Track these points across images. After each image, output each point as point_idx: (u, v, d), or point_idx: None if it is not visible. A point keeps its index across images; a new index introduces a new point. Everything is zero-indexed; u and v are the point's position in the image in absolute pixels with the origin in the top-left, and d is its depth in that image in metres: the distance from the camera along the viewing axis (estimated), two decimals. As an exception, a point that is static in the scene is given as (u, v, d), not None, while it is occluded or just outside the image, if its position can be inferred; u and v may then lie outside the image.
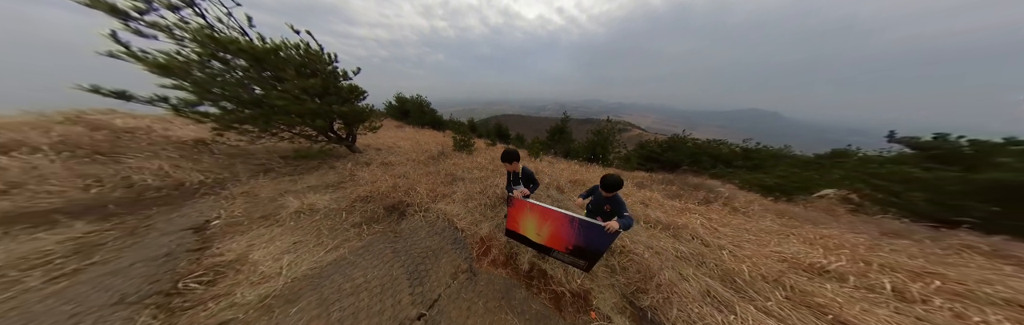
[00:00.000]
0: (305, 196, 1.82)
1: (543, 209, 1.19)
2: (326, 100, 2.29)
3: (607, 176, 1.16)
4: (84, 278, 1.02)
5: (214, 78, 1.88)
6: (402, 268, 1.26)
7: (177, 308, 0.93)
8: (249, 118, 2.02)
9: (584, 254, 1.18)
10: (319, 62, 2.27)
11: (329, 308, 0.98)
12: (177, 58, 1.75)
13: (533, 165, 3.40)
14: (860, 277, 1.38)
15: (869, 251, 1.63)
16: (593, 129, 6.27)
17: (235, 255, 1.22)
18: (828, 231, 1.97)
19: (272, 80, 2.08)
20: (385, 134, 5.01)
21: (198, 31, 1.76)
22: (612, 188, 1.14)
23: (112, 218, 1.41)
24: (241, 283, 1.07)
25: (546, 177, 2.90)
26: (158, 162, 1.95)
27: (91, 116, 2.44)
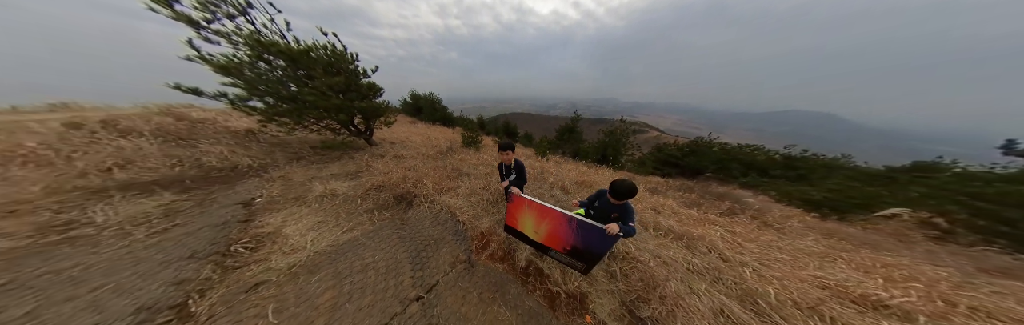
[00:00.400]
0: (328, 182, 2.06)
1: (541, 207, 1.15)
2: (348, 96, 2.53)
3: (619, 182, 1.00)
4: (170, 235, 1.33)
5: (260, 77, 2.21)
6: (406, 253, 1.37)
7: (229, 266, 1.17)
8: (286, 112, 2.33)
9: (582, 256, 1.13)
10: (343, 62, 2.51)
11: (342, 281, 1.14)
12: (233, 60, 2.09)
13: (539, 165, 3.36)
14: (936, 319, 1.13)
15: (955, 289, 1.34)
16: (605, 129, 5.97)
17: (272, 228, 1.47)
18: (894, 259, 1.67)
19: (305, 78, 2.35)
20: (399, 129, 5.29)
21: (248, 36, 2.07)
22: (624, 195, 0.99)
23: (188, 191, 1.77)
24: (275, 252, 1.29)
25: (552, 176, 2.84)
26: (220, 147, 2.36)
27: (177, 109, 3.00)
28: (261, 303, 0.99)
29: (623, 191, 0.99)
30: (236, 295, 1.02)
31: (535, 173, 2.89)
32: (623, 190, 0.99)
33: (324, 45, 2.39)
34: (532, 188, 2.33)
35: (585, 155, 5.69)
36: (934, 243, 2.07)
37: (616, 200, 1.03)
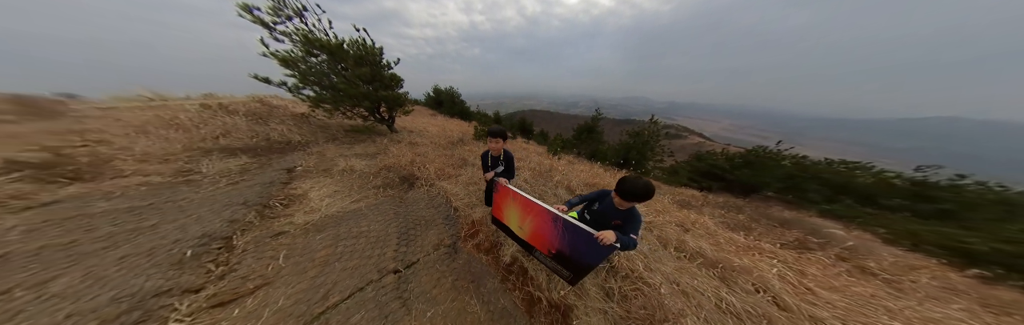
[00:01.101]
0: (350, 160, 2.40)
1: (525, 200, 1.03)
2: (373, 86, 2.89)
3: (633, 179, 0.77)
4: (238, 187, 1.77)
5: (310, 69, 2.67)
6: (396, 228, 1.48)
7: (266, 216, 1.50)
8: (328, 99, 2.79)
9: (568, 264, 0.97)
10: (371, 54, 2.85)
11: (338, 242, 1.32)
12: (290, 55, 2.57)
13: (548, 162, 3.20)
14: None
15: None
16: (630, 130, 5.35)
17: (301, 191, 1.80)
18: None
19: (342, 70, 2.75)
20: (419, 119, 5.69)
21: (301, 34, 2.50)
22: (638, 197, 0.76)
23: (257, 156, 2.32)
24: (299, 210, 1.58)
25: (559, 174, 2.69)
26: (282, 127, 2.98)
27: (264, 98, 3.89)
28: (278, 248, 1.23)
29: (638, 192, 0.75)
30: (263, 238, 1.29)
31: (542, 170, 2.75)
32: (638, 190, 0.75)
33: (355, 40, 2.74)
34: (536, 186, 2.23)
35: (604, 157, 5.19)
36: None
37: (624, 202, 0.80)
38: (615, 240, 0.73)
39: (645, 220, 1.74)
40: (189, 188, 1.67)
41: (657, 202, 2.53)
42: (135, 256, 1.08)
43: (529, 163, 2.96)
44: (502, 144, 1.28)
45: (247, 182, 1.83)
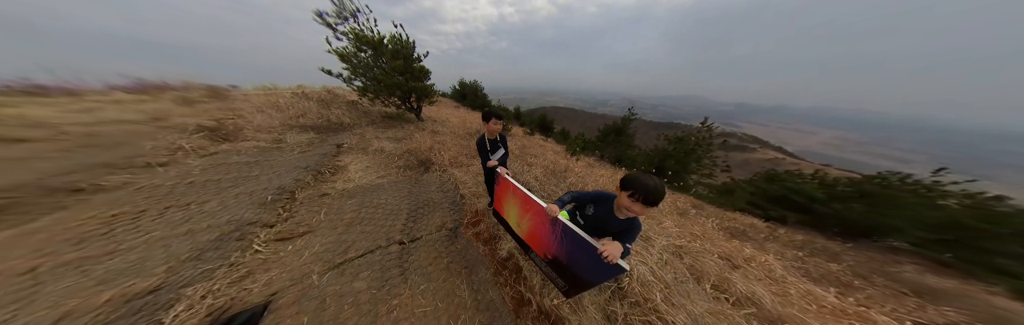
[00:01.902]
0: (382, 142, 2.84)
1: (524, 196, 0.92)
2: (405, 77, 3.26)
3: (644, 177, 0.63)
4: (304, 155, 2.35)
5: (359, 62, 3.17)
6: (408, 205, 1.67)
7: (319, 179, 1.97)
8: (370, 89, 3.29)
9: (564, 274, 0.84)
10: (405, 48, 3.22)
11: (361, 209, 1.64)
12: (346, 51, 3.09)
13: (565, 163, 3.04)
14: None
15: None
16: (671, 135, 4.59)
17: (344, 164, 2.26)
18: None
19: (382, 63, 3.19)
20: (444, 111, 6.05)
21: (354, 33, 2.98)
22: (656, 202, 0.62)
23: (320, 133, 2.95)
24: (339, 178, 2.01)
25: (574, 176, 2.58)
26: (339, 111, 3.68)
27: (333, 88, 4.79)
28: (321, 205, 1.62)
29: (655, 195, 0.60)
30: (314, 196, 1.71)
31: (556, 170, 2.65)
32: (655, 192, 0.60)
33: (393, 35, 3.14)
34: (546, 186, 2.19)
35: (631, 163, 4.57)
36: None
37: (639, 208, 0.64)
38: (621, 256, 0.61)
39: (676, 243, 1.49)
40: (277, 152, 2.29)
41: (697, 224, 2.14)
42: (244, 194, 1.59)
43: (543, 161, 2.87)
44: (499, 126, 1.23)
45: (311, 152, 2.38)
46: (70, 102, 2.43)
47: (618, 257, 0.61)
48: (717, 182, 4.75)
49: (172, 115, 2.50)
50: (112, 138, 1.92)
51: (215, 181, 1.67)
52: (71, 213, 1.24)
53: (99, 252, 1.03)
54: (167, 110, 2.58)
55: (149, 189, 1.49)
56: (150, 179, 1.57)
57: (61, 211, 1.24)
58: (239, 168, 1.90)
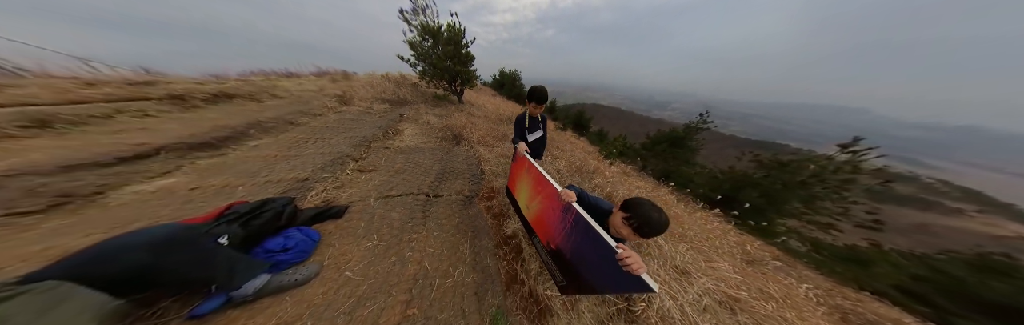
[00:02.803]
0: (429, 116, 3.57)
1: (539, 176, 0.85)
2: (453, 61, 3.87)
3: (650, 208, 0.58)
4: (382, 118, 3.25)
5: (422, 50, 3.92)
6: (437, 168, 2.05)
7: (384, 137, 2.77)
8: (427, 73, 4.06)
9: (566, 269, 0.76)
10: (457, 35, 3.79)
11: (407, 162, 2.26)
12: (414, 40, 3.84)
13: (594, 164, 2.78)
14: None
15: None
16: (768, 157, 3.26)
17: (401, 128, 3.04)
18: None
19: (437, 49, 3.86)
20: (482, 97, 6.57)
21: (421, 24, 3.70)
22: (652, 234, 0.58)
23: (392, 105, 3.93)
24: (397, 139, 2.77)
25: (602, 179, 2.34)
26: (404, 91, 4.68)
27: (405, 74, 5.92)
28: (383, 155, 2.33)
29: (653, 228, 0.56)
30: (380, 147, 2.47)
31: (584, 169, 2.48)
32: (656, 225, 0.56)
33: (449, 24, 3.71)
34: (566, 180, 2.24)
35: (684, 181, 3.56)
36: None
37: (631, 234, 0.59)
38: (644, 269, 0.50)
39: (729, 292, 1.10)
40: (367, 115, 3.27)
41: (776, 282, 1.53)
42: (346, 138, 2.45)
43: (571, 156, 2.77)
44: (541, 108, 1.20)
45: (384, 118, 3.27)
46: (295, 80, 4.24)
47: (644, 269, 0.50)
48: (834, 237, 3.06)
49: (326, 88, 3.94)
50: (304, 99, 3.26)
51: (336, 128, 2.64)
52: (288, 134, 2.31)
53: (292, 154, 1.93)
54: (324, 85, 4.09)
55: (313, 128, 2.53)
56: (314, 122, 2.66)
57: (284, 133, 2.33)
58: (347, 122, 2.88)
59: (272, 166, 1.63)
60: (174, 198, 1.17)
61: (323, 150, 2.05)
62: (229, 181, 1.38)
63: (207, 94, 2.48)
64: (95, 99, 1.91)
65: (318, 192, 1.44)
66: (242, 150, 1.82)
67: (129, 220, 0.98)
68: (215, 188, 1.31)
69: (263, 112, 2.51)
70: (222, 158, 1.65)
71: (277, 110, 2.64)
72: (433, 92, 4.91)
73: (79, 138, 1.48)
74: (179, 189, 1.24)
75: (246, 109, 2.52)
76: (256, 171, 1.54)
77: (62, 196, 1.00)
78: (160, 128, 1.77)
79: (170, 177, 1.34)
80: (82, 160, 1.23)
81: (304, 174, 1.57)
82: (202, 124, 1.96)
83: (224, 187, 1.33)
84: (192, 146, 1.64)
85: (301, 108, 2.86)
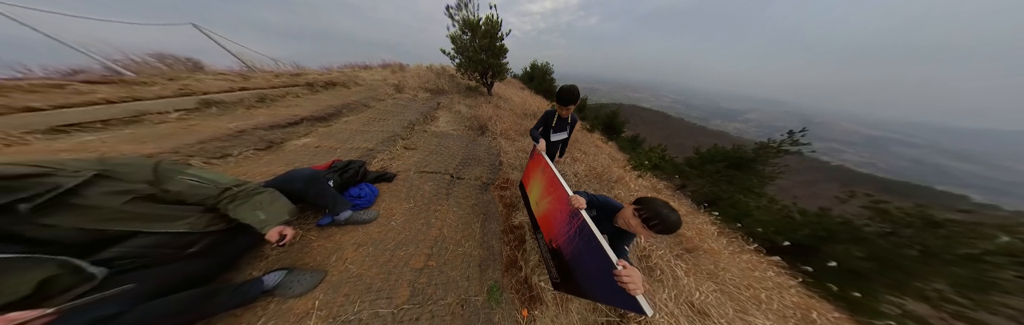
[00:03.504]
0: (460, 106, 4.11)
1: (553, 177, 0.87)
2: (487, 54, 4.19)
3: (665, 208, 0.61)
4: (424, 104, 3.88)
5: (461, 43, 4.27)
6: (462, 154, 2.33)
7: (424, 122, 3.38)
8: (463, 65, 4.47)
9: (562, 268, 0.80)
10: (494, 27, 4.04)
11: (437, 146, 2.68)
12: (455, 34, 4.17)
13: (618, 172, 2.66)
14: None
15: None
16: (913, 210, 2.03)
17: (437, 116, 3.63)
18: None
19: (473, 42, 4.16)
20: (510, 90, 6.89)
21: (462, 18, 3.98)
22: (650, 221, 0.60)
23: (432, 94, 4.55)
24: (432, 125, 3.35)
25: (623, 189, 2.29)
26: (443, 81, 5.25)
27: (446, 66, 6.46)
28: (421, 137, 2.90)
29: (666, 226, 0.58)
30: (420, 130, 3.06)
31: (606, 177, 2.43)
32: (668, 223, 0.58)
33: (487, 17, 3.93)
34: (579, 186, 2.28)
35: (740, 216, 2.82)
36: None
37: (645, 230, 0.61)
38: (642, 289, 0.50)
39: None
40: (413, 101, 3.93)
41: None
42: (397, 120, 3.11)
43: (592, 161, 2.76)
44: (570, 109, 1.16)
45: (425, 105, 3.89)
46: (368, 71, 4.98)
47: (641, 289, 0.50)
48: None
49: (388, 78, 4.59)
50: (373, 87, 4.09)
51: (392, 111, 3.33)
52: (363, 114, 3.05)
53: (364, 129, 2.63)
54: (387, 75, 4.89)
55: (378, 110, 3.24)
56: (379, 106, 3.40)
57: (361, 113, 3.09)
58: (399, 107, 3.57)
59: (354, 137, 2.33)
60: (309, 151, 1.91)
61: (383, 129, 2.71)
62: (333, 145, 2.10)
63: (323, 82, 3.36)
64: (278, 85, 2.88)
65: (378, 160, 1.92)
66: (339, 124, 2.60)
67: (294, 161, 1.66)
68: (327, 148, 2.03)
69: (350, 97, 3.33)
70: (329, 128, 2.43)
71: (358, 95, 3.34)
72: (467, 83, 5.36)
73: (274, 110, 2.36)
74: (311, 146, 2.01)
75: (341, 94, 3.27)
76: (346, 139, 2.26)
77: (269, 143, 1.82)
78: (302, 105, 2.60)
79: (306, 138, 2.14)
80: (275, 123, 2.03)
81: (370, 145, 2.11)
82: (320, 104, 2.74)
83: (331, 148, 2.04)
84: (316, 119, 2.49)
85: (371, 94, 3.55)
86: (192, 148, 1.46)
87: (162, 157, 1.23)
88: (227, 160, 1.50)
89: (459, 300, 0.95)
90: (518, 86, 8.98)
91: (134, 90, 1.92)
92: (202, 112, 2.00)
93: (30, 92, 1.58)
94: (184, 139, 1.53)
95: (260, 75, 3.06)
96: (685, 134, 37.66)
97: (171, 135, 1.58)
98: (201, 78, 2.48)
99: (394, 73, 5.04)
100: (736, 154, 3.71)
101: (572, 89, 1.09)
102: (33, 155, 1.22)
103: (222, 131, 1.72)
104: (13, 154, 1.19)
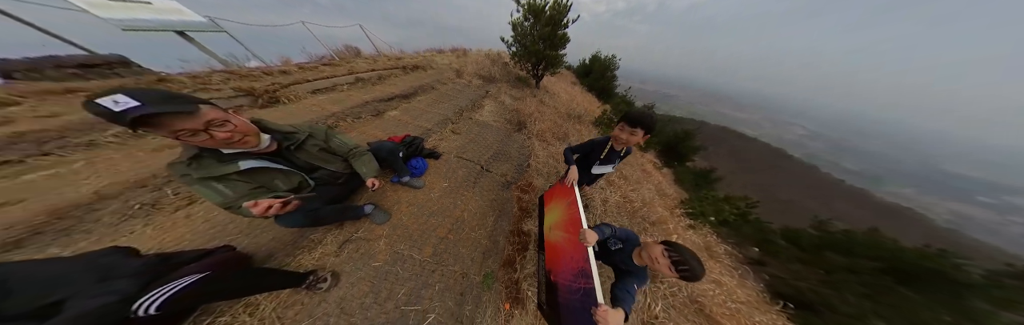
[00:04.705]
0: (505, 97, 4.33)
1: (576, 213, 0.86)
2: (544, 44, 4.00)
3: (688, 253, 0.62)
4: (475, 93, 4.21)
5: (521, 30, 4.15)
6: (496, 147, 2.48)
7: (470, 109, 3.70)
8: (518, 53, 4.45)
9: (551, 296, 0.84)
10: (560, 13, 3.71)
11: (477, 135, 2.85)
12: (518, 21, 4.03)
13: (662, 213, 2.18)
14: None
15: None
16: None
17: (482, 104, 3.90)
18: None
19: (534, 30, 3.98)
20: (559, 84, 6.68)
21: (527, 3, 3.77)
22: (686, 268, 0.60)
23: (484, 82, 4.80)
24: (477, 112, 3.64)
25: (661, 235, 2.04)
26: (496, 69, 5.40)
27: (502, 52, 6.46)
28: (466, 124, 3.19)
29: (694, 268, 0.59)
30: (466, 117, 3.37)
31: (641, 213, 2.11)
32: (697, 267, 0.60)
33: (555, 1, 3.61)
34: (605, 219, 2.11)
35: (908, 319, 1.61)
36: None
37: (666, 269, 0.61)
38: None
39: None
40: (467, 87, 4.25)
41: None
42: (452, 105, 3.50)
43: (630, 190, 2.45)
44: (638, 138, 0.90)
45: (476, 93, 4.17)
46: (440, 55, 5.24)
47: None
48: None
49: (453, 62, 4.82)
50: (441, 70, 4.50)
51: (449, 95, 3.72)
52: (429, 95, 3.49)
53: (429, 110, 3.09)
54: (453, 60, 4.97)
55: (440, 93, 3.64)
56: (441, 89, 3.81)
57: (428, 94, 3.55)
58: (455, 92, 3.93)
59: (421, 115, 2.82)
60: (395, 122, 2.43)
61: (440, 111, 3.12)
62: (408, 119, 2.63)
63: (412, 66, 3.93)
64: (388, 67, 3.57)
65: (431, 139, 2.26)
66: (414, 102, 3.13)
67: (387, 128, 2.21)
68: (405, 121, 2.58)
69: (425, 79, 3.64)
70: (408, 105, 2.99)
71: (430, 78, 3.73)
72: (517, 73, 5.42)
73: (383, 87, 3.02)
74: (397, 118, 2.60)
75: (420, 76, 3.72)
76: (417, 116, 2.77)
77: (377, 111, 2.54)
78: (396, 85, 3.18)
79: (395, 111, 2.75)
80: (381, 98, 2.69)
81: (429, 125, 2.50)
82: (407, 84, 3.26)
83: (407, 122, 2.58)
84: (402, 96, 3.10)
85: (438, 77, 3.87)
86: (349, 111, 2.29)
87: (339, 117, 2.12)
88: (359, 121, 2.29)
89: (462, 272, 1.16)
90: (569, 80, 8.36)
91: (335, 69, 3.04)
92: (354, 86, 2.87)
93: (307, 70, 2.84)
94: (346, 104, 2.38)
95: (383, 58, 4.05)
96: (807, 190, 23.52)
97: (342, 101, 2.44)
98: (357, 61, 3.58)
99: (458, 58, 5.32)
100: (924, 260, 1.94)
101: (651, 115, 0.86)
102: (302, 108, 2.15)
103: (359, 100, 2.51)
104: (296, 108, 2.11)
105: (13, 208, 0.97)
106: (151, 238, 1.02)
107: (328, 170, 1.05)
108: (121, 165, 1.24)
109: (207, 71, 2.20)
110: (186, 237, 1.04)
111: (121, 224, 1.05)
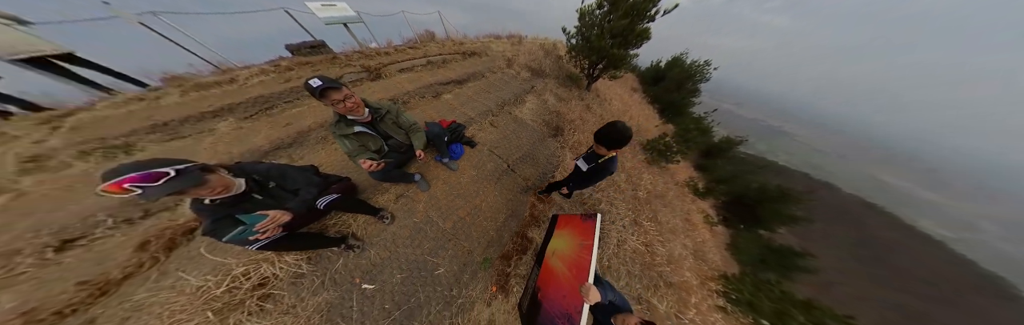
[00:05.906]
0: (549, 95, 4.24)
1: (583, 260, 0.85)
2: (615, 41, 3.35)
3: None
4: (521, 86, 4.25)
5: (590, 20, 3.58)
6: (527, 149, 2.58)
7: (512, 103, 3.80)
8: (577, 47, 4.04)
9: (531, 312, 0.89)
10: (652, 1, 2.90)
11: (512, 133, 3.06)
12: (588, 9, 3.48)
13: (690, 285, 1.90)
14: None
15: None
16: None
17: (526, 101, 3.94)
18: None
19: (607, 22, 3.39)
20: (617, 90, 6.02)
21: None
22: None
23: (532, 75, 4.72)
24: (517, 108, 3.72)
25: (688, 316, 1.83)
26: (547, 62, 5.15)
27: (557, 42, 6.06)
28: (504, 118, 3.35)
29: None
30: (506, 112, 3.51)
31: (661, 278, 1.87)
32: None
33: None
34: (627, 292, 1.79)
35: None
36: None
37: None
38: None
39: None
40: (514, 79, 4.28)
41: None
42: (497, 97, 3.65)
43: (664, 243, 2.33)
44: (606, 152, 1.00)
45: (521, 86, 4.20)
46: (496, 42, 5.20)
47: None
48: None
49: (507, 49, 4.77)
50: (494, 58, 4.56)
51: (496, 85, 3.86)
52: (479, 83, 3.70)
53: (475, 98, 3.32)
54: (507, 47, 4.88)
55: (489, 82, 3.81)
56: (491, 78, 3.94)
57: (478, 82, 3.77)
58: (503, 82, 4.03)
59: (467, 102, 3.09)
60: (447, 106, 2.79)
61: (484, 102, 3.31)
62: (457, 105, 2.94)
63: (470, 51, 4.09)
64: (451, 52, 3.79)
65: (471, 128, 2.48)
66: (465, 88, 3.39)
67: (441, 109, 2.59)
68: (454, 106, 2.90)
69: (478, 65, 3.81)
70: (461, 90, 3.30)
71: (483, 65, 3.87)
72: (570, 69, 5.02)
73: (445, 71, 3.34)
74: (447, 103, 2.95)
75: (475, 62, 3.87)
76: (464, 102, 3.05)
77: (437, 93, 2.97)
78: (454, 70, 3.44)
79: (448, 95, 3.12)
80: (440, 81, 3.03)
81: (473, 115, 2.70)
82: (462, 70, 3.49)
83: (455, 107, 2.90)
84: (456, 82, 3.40)
85: (490, 66, 3.97)
86: (418, 90, 2.79)
87: (412, 94, 2.64)
88: (423, 99, 2.78)
89: (469, 249, 1.51)
90: (630, 85, 6.75)
91: (415, 52, 3.48)
92: (425, 68, 3.30)
93: (400, 52, 3.40)
94: (417, 84, 2.87)
95: (449, 43, 4.26)
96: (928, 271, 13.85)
97: (416, 80, 2.92)
98: (430, 45, 3.85)
99: (513, 46, 5.23)
100: None
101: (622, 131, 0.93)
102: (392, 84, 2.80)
103: (427, 82, 2.95)
104: (389, 83, 2.77)
105: (285, 129, 1.99)
106: (323, 157, 1.84)
107: (396, 140, 1.38)
108: (320, 113, 2.16)
109: (350, 51, 3.16)
110: (335, 161, 1.79)
111: (315, 146, 1.94)
